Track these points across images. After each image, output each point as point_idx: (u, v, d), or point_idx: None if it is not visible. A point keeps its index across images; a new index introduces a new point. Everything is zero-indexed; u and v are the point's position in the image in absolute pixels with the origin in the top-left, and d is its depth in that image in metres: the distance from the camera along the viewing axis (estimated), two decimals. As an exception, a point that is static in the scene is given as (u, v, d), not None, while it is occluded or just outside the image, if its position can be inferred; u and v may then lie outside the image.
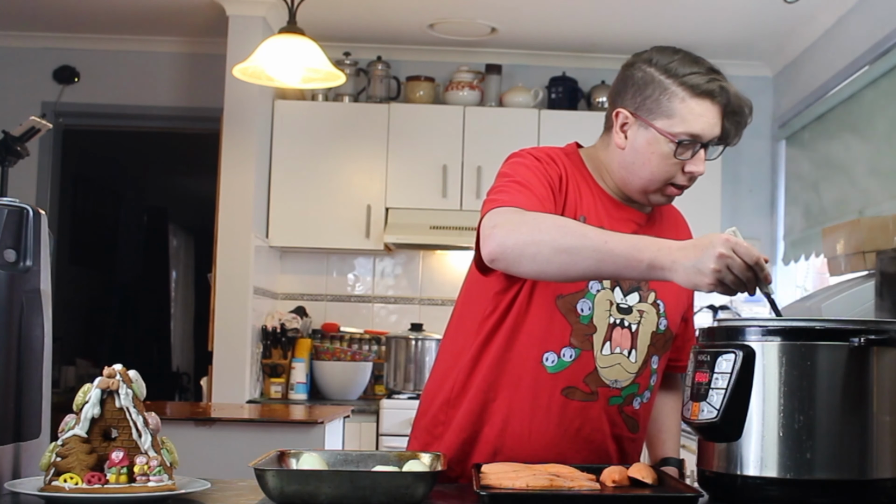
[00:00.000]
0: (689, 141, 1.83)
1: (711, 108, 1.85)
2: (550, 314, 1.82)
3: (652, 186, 1.88)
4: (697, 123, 1.84)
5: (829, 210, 4.62)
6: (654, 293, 1.90)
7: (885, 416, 1.47)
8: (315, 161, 5.08)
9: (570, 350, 1.83)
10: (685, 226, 2.11)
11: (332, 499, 1.43)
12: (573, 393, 1.83)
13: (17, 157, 3.37)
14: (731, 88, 1.87)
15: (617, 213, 1.91)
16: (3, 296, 1.53)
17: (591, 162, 1.96)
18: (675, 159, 1.85)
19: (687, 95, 1.84)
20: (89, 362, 7.20)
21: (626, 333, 1.86)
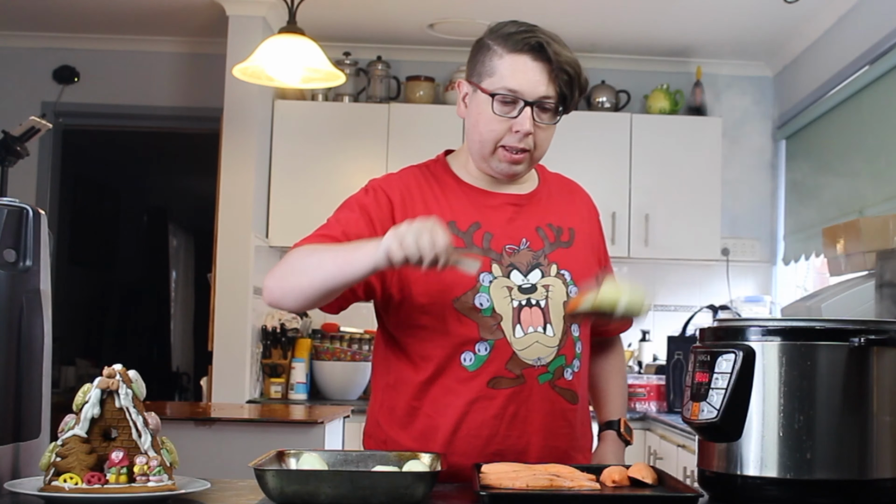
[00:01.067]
0: (507, 96, 1.86)
1: (531, 63, 1.86)
2: (454, 318, 1.85)
3: (485, 150, 1.91)
4: (514, 79, 1.86)
5: (829, 210, 4.62)
6: (555, 265, 1.92)
7: (885, 416, 1.47)
8: (315, 161, 5.08)
9: (484, 344, 1.85)
10: (581, 197, 2.11)
11: (332, 499, 1.43)
12: (499, 382, 1.85)
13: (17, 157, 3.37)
14: (556, 48, 1.87)
15: (488, 201, 1.95)
16: (3, 296, 1.53)
17: (458, 160, 2.01)
18: (497, 116, 1.86)
19: (504, 52, 1.88)
20: (89, 362, 7.20)
21: (536, 311, 1.88)
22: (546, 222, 1.96)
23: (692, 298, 5.34)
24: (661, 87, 5.31)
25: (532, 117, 1.87)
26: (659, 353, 5.10)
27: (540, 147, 1.92)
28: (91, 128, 5.79)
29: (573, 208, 2.04)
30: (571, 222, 2.00)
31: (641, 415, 4.57)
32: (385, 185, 1.95)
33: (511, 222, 1.94)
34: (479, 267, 1.78)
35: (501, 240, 1.91)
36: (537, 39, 1.87)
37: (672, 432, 4.09)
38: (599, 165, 5.12)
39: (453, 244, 1.65)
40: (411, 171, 2.00)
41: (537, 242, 1.93)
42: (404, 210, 1.91)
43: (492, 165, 1.93)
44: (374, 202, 1.92)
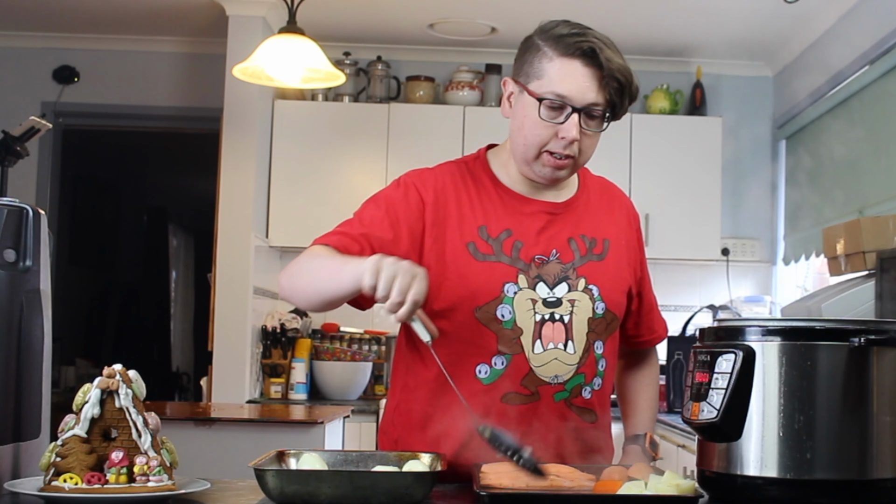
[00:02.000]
0: (555, 101, 1.80)
1: (582, 69, 1.80)
2: (473, 327, 1.81)
3: (529, 154, 1.85)
4: (564, 84, 1.79)
5: (829, 210, 4.62)
6: (583, 279, 1.87)
7: (885, 416, 1.47)
8: (315, 161, 5.08)
9: (501, 357, 1.82)
10: (621, 203, 2.04)
11: (332, 499, 1.43)
12: (512, 398, 1.82)
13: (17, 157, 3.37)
14: (609, 54, 1.81)
15: (523, 207, 1.89)
16: (3, 296, 1.53)
17: (499, 158, 1.95)
18: (543, 121, 1.81)
19: (555, 55, 1.82)
20: (89, 362, 7.20)
21: (559, 326, 1.84)
22: (580, 233, 1.91)
23: (692, 298, 5.34)
24: (661, 87, 5.31)
25: (579, 124, 1.80)
26: (659, 353, 5.09)
27: (584, 154, 1.86)
28: (91, 128, 5.79)
29: (611, 217, 1.98)
30: (607, 233, 1.94)
31: (641, 415, 4.57)
32: (419, 183, 1.89)
33: (543, 232, 1.88)
34: (433, 337, 1.67)
35: (531, 249, 1.86)
36: (590, 44, 1.80)
37: (672, 432, 4.09)
38: (599, 165, 5.05)
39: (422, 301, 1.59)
40: (448, 169, 1.94)
41: (568, 254, 1.87)
42: (436, 211, 1.85)
43: (534, 170, 1.87)
44: (403, 200, 1.87)
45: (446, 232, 1.85)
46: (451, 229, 1.85)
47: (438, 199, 1.87)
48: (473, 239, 1.85)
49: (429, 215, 1.85)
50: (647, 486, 1.48)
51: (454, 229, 1.85)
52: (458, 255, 1.84)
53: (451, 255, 1.84)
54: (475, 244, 1.85)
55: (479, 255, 1.84)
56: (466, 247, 1.84)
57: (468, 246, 1.84)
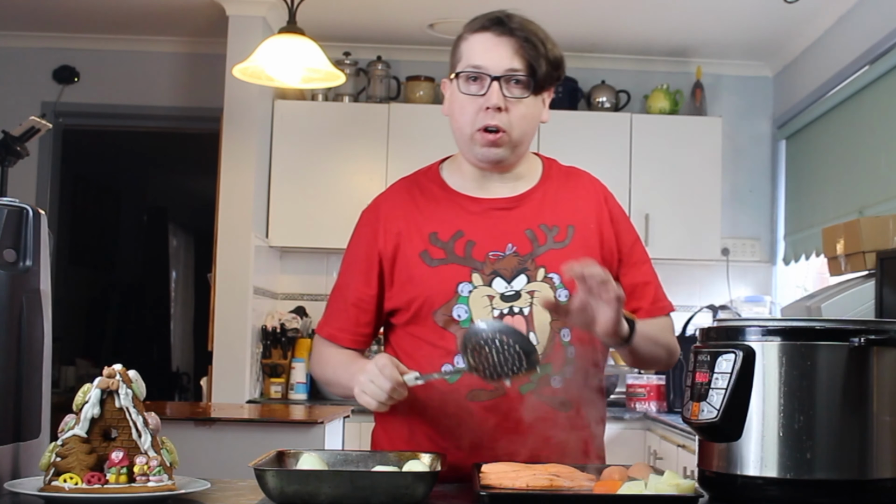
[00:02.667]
0: (472, 73, 1.86)
1: (494, 39, 1.87)
2: (435, 331, 1.85)
3: (465, 136, 1.90)
4: (477, 55, 1.86)
5: (829, 210, 4.62)
6: (542, 269, 1.88)
7: (885, 416, 1.47)
8: (315, 161, 5.08)
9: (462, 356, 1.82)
10: (588, 188, 2.00)
11: (332, 499, 1.43)
12: (478, 395, 1.83)
13: (17, 157, 3.37)
14: (519, 21, 1.88)
15: (473, 207, 1.93)
16: (3, 296, 1.53)
17: (452, 165, 2.01)
18: (467, 96, 1.87)
19: (468, 34, 1.91)
20: (89, 362, 7.20)
21: (519, 319, 1.85)
22: (538, 223, 1.91)
23: (692, 298, 5.34)
24: (661, 87, 5.31)
25: (501, 92, 1.85)
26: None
27: (518, 127, 1.88)
28: (91, 128, 5.79)
29: (578, 203, 1.96)
30: (571, 219, 1.93)
31: (641, 415, 4.57)
32: (371, 216, 1.99)
33: (495, 227, 1.90)
34: (414, 375, 1.75)
35: (485, 247, 1.88)
36: (497, 15, 1.88)
37: (672, 432, 4.09)
38: (599, 165, 5.05)
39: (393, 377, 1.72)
40: (399, 185, 2.02)
41: (525, 246, 1.89)
42: (387, 235, 1.93)
43: (475, 154, 1.90)
44: (363, 245, 1.96)
45: (399, 246, 1.91)
46: (404, 245, 1.91)
47: (389, 223, 1.94)
48: (426, 247, 1.89)
49: (380, 240, 1.93)
50: (647, 486, 1.48)
51: (407, 244, 1.91)
52: (414, 266, 1.89)
53: (408, 268, 1.90)
54: (427, 252, 1.89)
55: (432, 262, 1.88)
56: (420, 256, 1.89)
57: (421, 255, 1.89)
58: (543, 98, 1.93)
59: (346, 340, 1.98)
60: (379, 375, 1.73)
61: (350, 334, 1.98)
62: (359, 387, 1.76)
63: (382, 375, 1.73)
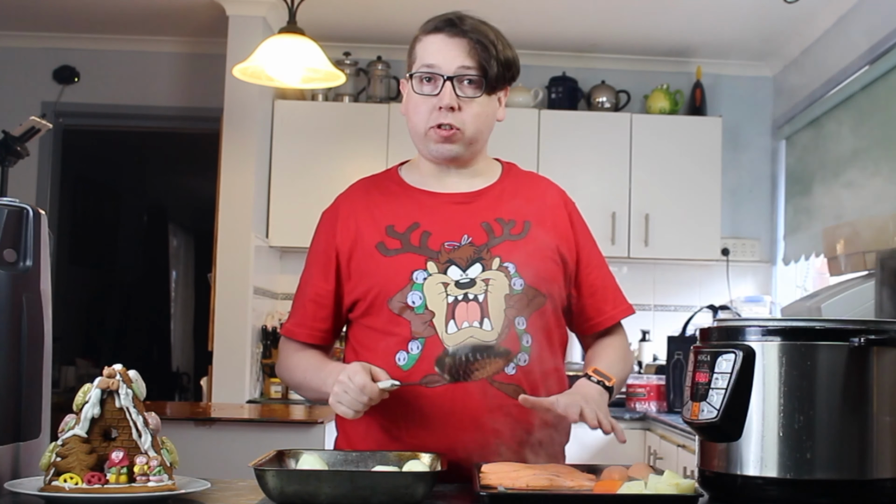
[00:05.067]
0: (425, 73, 1.92)
1: (446, 39, 1.92)
2: (390, 319, 1.88)
3: (419, 133, 1.96)
4: (430, 55, 1.92)
5: (829, 210, 4.62)
6: (498, 258, 1.90)
7: (885, 416, 1.47)
8: (315, 161, 5.08)
9: (416, 342, 1.86)
10: (548, 191, 2.05)
11: (332, 499, 1.43)
12: (433, 381, 1.84)
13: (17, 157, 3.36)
14: (472, 23, 1.93)
15: (430, 200, 1.97)
16: (3, 296, 1.53)
17: (409, 167, 2.06)
18: (421, 96, 1.92)
19: (423, 36, 1.96)
20: (89, 362, 7.20)
21: (474, 305, 1.86)
22: (495, 216, 1.94)
23: (692, 298, 5.34)
24: (661, 87, 5.31)
25: (454, 93, 1.89)
26: (659, 353, 5.10)
27: (472, 125, 1.93)
28: (91, 128, 5.79)
29: (533, 202, 2.00)
30: (527, 215, 1.96)
31: (641, 415, 4.57)
32: (331, 215, 2.03)
33: (452, 219, 1.93)
34: (391, 383, 1.77)
35: (440, 237, 1.91)
36: (449, 17, 1.93)
37: (672, 432, 4.09)
38: (599, 165, 5.13)
39: (365, 386, 1.75)
40: (358, 185, 2.07)
41: (480, 237, 1.91)
42: (346, 232, 1.97)
43: (430, 150, 1.96)
44: (322, 242, 2.00)
45: (357, 241, 1.95)
46: (361, 239, 1.95)
47: (348, 216, 1.99)
48: (382, 239, 1.93)
49: (338, 236, 1.98)
50: (647, 486, 1.48)
51: (364, 237, 1.95)
52: (370, 257, 1.92)
53: (364, 260, 1.93)
54: (384, 243, 1.93)
55: (388, 252, 1.91)
56: (376, 247, 1.92)
57: (377, 246, 1.92)
58: (499, 97, 1.98)
59: (304, 335, 2.01)
60: (351, 385, 1.75)
61: (307, 329, 2.01)
62: (333, 397, 1.78)
63: (355, 384, 1.75)
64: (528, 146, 4.98)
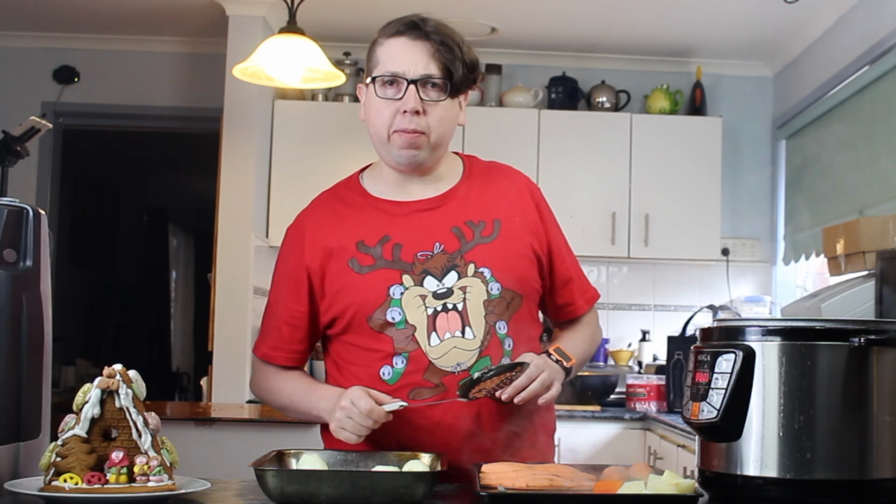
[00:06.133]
0: (388, 77, 1.88)
1: (409, 43, 1.88)
2: (371, 336, 1.86)
3: (381, 139, 1.91)
4: (394, 60, 1.88)
5: (829, 210, 4.62)
6: (472, 265, 1.88)
7: (885, 416, 1.47)
8: (315, 161, 5.08)
9: (399, 357, 1.84)
10: (512, 181, 2.02)
11: (332, 499, 1.43)
12: (420, 393, 1.84)
13: (17, 157, 3.37)
14: (434, 25, 1.91)
15: (396, 210, 1.94)
16: (3, 296, 1.53)
17: (372, 173, 2.02)
18: (383, 100, 1.88)
19: (384, 39, 1.92)
20: (89, 362, 7.20)
21: (454, 315, 1.85)
22: (464, 220, 1.92)
23: (692, 298, 5.34)
24: (661, 87, 5.31)
25: (418, 96, 1.86)
26: (659, 353, 5.10)
27: (437, 129, 1.89)
28: (91, 128, 5.79)
29: (500, 197, 1.97)
30: (496, 213, 1.94)
31: (641, 415, 4.57)
32: (296, 232, 1.99)
33: (421, 228, 1.90)
34: (398, 404, 1.77)
35: (412, 248, 1.88)
36: (411, 19, 1.90)
37: (672, 432, 4.09)
38: (599, 165, 5.13)
39: (368, 406, 1.74)
40: (320, 199, 2.03)
41: (452, 243, 1.89)
42: (314, 249, 1.92)
43: (392, 156, 1.91)
44: (290, 263, 1.97)
45: (328, 262, 1.91)
46: (331, 257, 1.91)
47: (315, 234, 1.95)
48: (353, 255, 1.90)
49: (307, 255, 1.93)
50: (647, 486, 1.48)
51: (335, 255, 1.91)
52: (343, 275, 1.89)
53: (338, 279, 1.90)
54: (356, 259, 1.89)
55: (361, 269, 1.88)
56: (348, 265, 1.89)
57: (349, 263, 1.89)
58: (460, 101, 1.95)
59: (281, 359, 1.98)
60: (356, 410, 1.75)
61: (284, 352, 1.98)
62: (336, 423, 1.78)
63: (360, 409, 1.74)
64: (528, 146, 4.98)
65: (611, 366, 5.24)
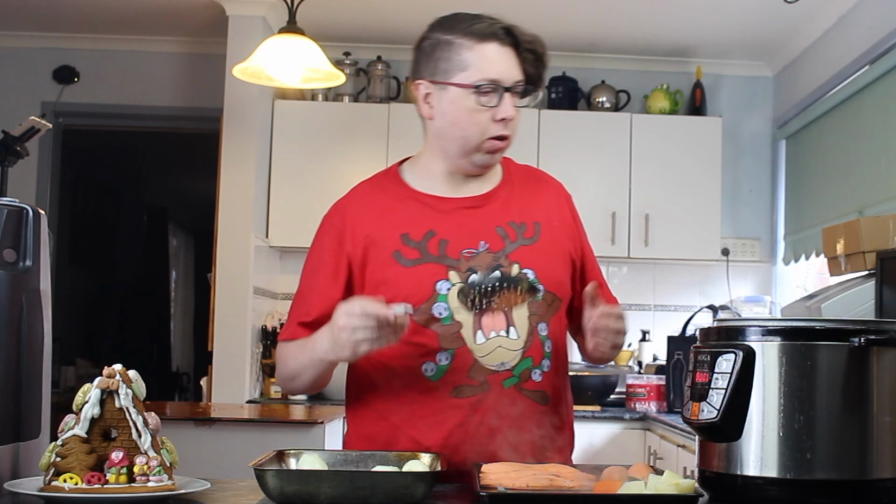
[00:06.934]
0: (489, 86, 1.86)
1: (501, 49, 1.87)
2: (415, 331, 1.82)
3: (470, 145, 1.89)
4: (492, 67, 1.86)
5: (829, 210, 4.62)
6: (517, 265, 1.88)
7: (885, 416, 1.47)
8: (315, 161, 5.08)
9: (444, 353, 1.83)
10: (549, 186, 2.05)
11: (332, 499, 1.43)
12: (462, 391, 1.83)
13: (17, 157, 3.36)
14: (520, 30, 1.90)
15: (441, 206, 1.93)
16: (3, 296, 1.53)
17: (415, 167, 2.00)
18: (481, 108, 1.86)
19: (473, 43, 1.87)
20: (89, 362, 7.20)
21: (499, 314, 1.85)
22: (507, 220, 1.93)
23: (692, 298, 5.34)
24: (661, 87, 5.31)
25: (512, 103, 1.87)
26: (659, 353, 5.10)
27: (514, 132, 1.92)
28: (91, 128, 5.79)
29: (539, 201, 1.99)
30: (536, 216, 1.95)
31: (641, 415, 4.57)
32: (336, 218, 1.95)
33: (467, 225, 1.90)
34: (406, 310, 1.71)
35: (458, 245, 1.88)
36: (502, 25, 1.89)
37: (672, 432, 4.09)
38: (599, 165, 5.13)
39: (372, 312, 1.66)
40: (362, 188, 2.00)
41: (497, 243, 1.89)
42: (354, 238, 1.90)
43: (473, 160, 1.91)
44: (329, 248, 1.92)
45: (369, 249, 1.89)
46: (373, 245, 1.89)
47: (356, 222, 1.92)
48: (398, 248, 1.88)
49: (347, 243, 1.90)
50: (647, 486, 1.49)
51: (377, 244, 1.89)
52: (387, 267, 1.87)
53: (381, 270, 1.88)
54: (400, 252, 1.88)
55: (406, 262, 1.87)
56: (393, 257, 1.88)
57: (394, 255, 1.88)
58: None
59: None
60: (353, 311, 1.66)
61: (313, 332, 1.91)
62: (338, 337, 1.68)
63: (355, 311, 1.66)
64: (528, 146, 4.98)
65: (611, 366, 5.23)
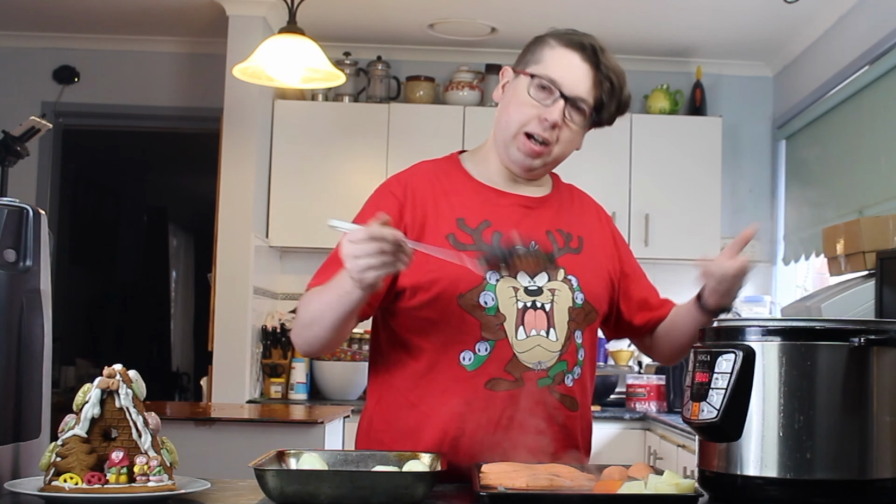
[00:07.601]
0: (545, 83, 1.88)
1: (578, 61, 1.89)
2: (457, 315, 1.83)
3: (509, 132, 1.91)
4: (558, 69, 1.88)
5: (829, 210, 4.62)
6: (562, 270, 1.91)
7: (885, 416, 1.47)
8: (315, 161, 5.08)
9: (485, 344, 1.83)
10: (591, 206, 2.10)
11: (332, 499, 1.43)
12: (497, 384, 1.83)
13: (17, 157, 3.37)
14: (608, 57, 1.92)
15: (499, 199, 1.95)
16: (3, 296, 1.53)
17: (473, 158, 2.02)
18: (530, 100, 1.88)
19: (557, 45, 1.92)
20: (89, 362, 7.21)
21: (541, 314, 1.86)
22: (557, 227, 1.96)
23: (692, 298, 5.33)
24: (661, 87, 5.31)
25: (563, 112, 1.87)
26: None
27: (561, 147, 1.91)
28: (91, 128, 5.79)
29: (584, 218, 2.04)
30: (581, 231, 1.99)
31: (641, 415, 4.57)
32: (394, 187, 1.94)
33: (521, 223, 1.92)
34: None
35: (511, 239, 1.88)
36: (591, 43, 1.91)
37: (672, 432, 4.09)
38: (599, 165, 5.12)
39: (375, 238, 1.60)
40: (423, 167, 2.00)
41: (546, 246, 1.91)
42: (413, 209, 1.90)
43: (510, 154, 1.92)
44: (389, 208, 1.86)
45: (426, 226, 1.89)
46: (430, 223, 1.90)
47: (416, 196, 1.92)
48: (453, 230, 1.89)
49: (407, 214, 1.89)
50: (647, 486, 1.49)
51: (433, 222, 1.90)
52: (439, 246, 1.86)
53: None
54: (455, 235, 1.89)
55: (459, 246, 1.87)
56: (447, 238, 1.88)
57: (448, 237, 1.88)
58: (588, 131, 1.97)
59: None
60: (364, 235, 1.60)
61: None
62: (345, 262, 1.62)
63: (359, 236, 1.60)
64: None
65: (611, 366, 5.23)
